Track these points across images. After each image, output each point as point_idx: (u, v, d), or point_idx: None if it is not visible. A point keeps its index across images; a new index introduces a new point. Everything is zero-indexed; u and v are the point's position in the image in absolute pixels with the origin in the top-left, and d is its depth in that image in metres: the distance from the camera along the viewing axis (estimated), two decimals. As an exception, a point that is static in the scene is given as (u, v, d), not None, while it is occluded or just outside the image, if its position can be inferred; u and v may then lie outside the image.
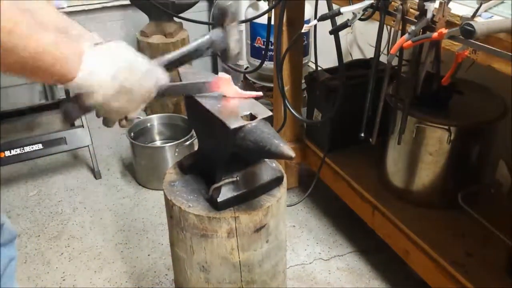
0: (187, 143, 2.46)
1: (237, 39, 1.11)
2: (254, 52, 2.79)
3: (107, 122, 0.93)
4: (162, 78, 0.94)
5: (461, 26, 1.10)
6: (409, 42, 1.30)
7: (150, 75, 0.90)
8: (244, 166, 1.16)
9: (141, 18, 3.09)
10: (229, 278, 1.20)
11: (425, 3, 1.28)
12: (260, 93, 1.16)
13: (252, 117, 1.08)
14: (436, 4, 1.28)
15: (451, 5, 1.26)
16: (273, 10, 1.95)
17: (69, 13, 3.01)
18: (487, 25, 1.10)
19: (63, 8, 2.35)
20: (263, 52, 2.33)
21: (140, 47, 2.99)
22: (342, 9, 1.46)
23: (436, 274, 1.62)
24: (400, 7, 1.39)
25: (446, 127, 1.66)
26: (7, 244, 1.19)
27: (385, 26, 1.49)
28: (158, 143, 2.75)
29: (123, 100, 0.85)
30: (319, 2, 1.83)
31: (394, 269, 1.97)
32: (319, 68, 2.15)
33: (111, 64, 0.83)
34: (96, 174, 2.62)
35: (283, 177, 1.23)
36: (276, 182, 1.21)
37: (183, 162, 1.32)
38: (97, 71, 0.81)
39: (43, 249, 2.16)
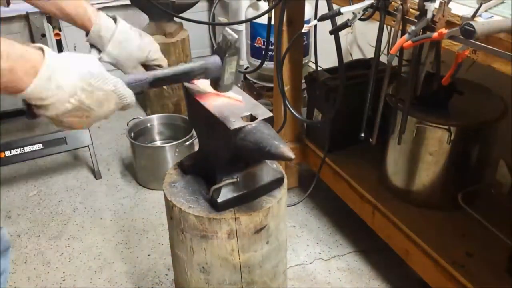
0: (187, 143, 2.46)
1: (233, 72, 1.09)
2: (254, 52, 2.79)
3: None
4: (128, 97, 0.88)
5: (461, 26, 1.10)
6: (409, 42, 1.30)
7: (113, 96, 0.84)
8: (244, 167, 1.16)
9: (141, 18, 3.09)
10: (230, 279, 1.20)
11: (425, 3, 1.28)
12: (240, 98, 1.15)
13: (252, 118, 1.08)
14: (436, 4, 1.27)
15: (451, 5, 1.25)
16: (273, 10, 1.95)
17: (69, 13, 3.02)
18: (488, 25, 1.10)
19: (62, 8, 2.34)
20: (263, 52, 2.33)
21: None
22: (342, 9, 1.46)
23: (436, 274, 1.62)
24: (400, 7, 1.39)
25: (446, 127, 1.66)
26: (1, 254, 1.14)
27: (385, 26, 1.49)
28: (158, 143, 2.75)
29: (79, 116, 0.81)
30: (319, 2, 1.82)
31: (394, 269, 1.97)
32: (319, 68, 2.14)
33: (73, 80, 0.78)
34: (96, 174, 2.62)
35: (283, 178, 1.23)
36: (277, 183, 1.21)
37: (183, 162, 1.32)
38: (55, 81, 0.76)
39: (43, 249, 2.16)
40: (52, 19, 2.37)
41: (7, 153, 2.40)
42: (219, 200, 1.13)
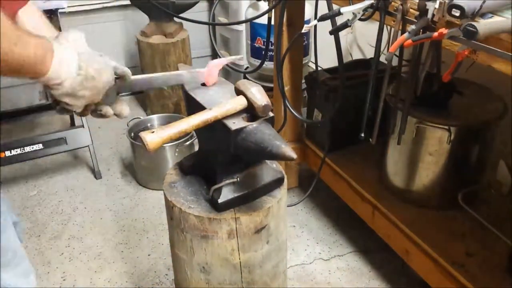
0: (187, 143, 2.46)
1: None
2: (254, 52, 2.79)
3: (68, 111, 0.98)
4: (117, 67, 1.00)
5: (463, 27, 1.10)
6: (410, 41, 1.30)
7: (107, 66, 0.97)
8: (244, 167, 1.16)
9: (141, 18, 3.09)
10: (230, 279, 1.20)
11: (426, 3, 1.28)
12: (239, 56, 1.21)
13: (253, 118, 1.08)
14: (436, 4, 1.27)
15: (451, 5, 1.25)
16: (273, 10, 1.95)
17: (69, 13, 3.02)
18: (489, 26, 1.10)
19: (63, 8, 2.35)
20: (263, 52, 2.33)
21: (140, 47, 2.99)
22: (342, 9, 1.46)
23: (436, 274, 1.62)
24: (400, 7, 1.39)
25: (446, 127, 1.66)
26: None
27: (385, 26, 1.49)
28: (158, 143, 2.75)
29: (88, 87, 0.93)
30: (319, 2, 1.82)
31: (394, 269, 1.97)
32: (319, 68, 2.14)
33: (75, 55, 0.92)
34: (96, 174, 2.62)
35: (283, 178, 1.23)
36: (277, 183, 1.21)
37: (183, 162, 1.32)
38: (65, 63, 0.90)
39: (43, 249, 2.16)
40: (51, 19, 2.37)
41: (7, 153, 2.40)
42: (219, 200, 1.13)
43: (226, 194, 1.13)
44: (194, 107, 1.15)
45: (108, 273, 2.03)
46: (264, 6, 2.55)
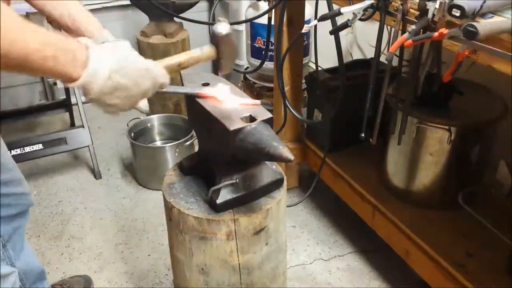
0: (188, 143, 2.46)
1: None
2: (254, 52, 2.79)
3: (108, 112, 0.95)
4: (162, 77, 0.97)
5: (463, 27, 1.10)
6: (410, 41, 1.30)
7: (148, 75, 0.93)
8: (244, 168, 1.16)
9: (141, 18, 3.09)
10: (229, 281, 1.20)
11: (427, 3, 1.28)
12: (258, 102, 1.16)
13: (251, 119, 1.08)
14: (437, 4, 1.27)
15: (451, 5, 1.25)
16: (273, 10, 1.95)
17: (69, 13, 3.01)
18: (490, 26, 1.10)
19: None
20: (263, 52, 2.33)
21: (140, 47, 2.98)
22: (343, 9, 1.46)
23: (436, 274, 1.62)
24: (400, 7, 1.39)
25: (447, 127, 1.66)
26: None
27: (385, 26, 1.49)
28: (158, 143, 2.75)
29: (119, 97, 0.89)
30: (319, 2, 1.82)
31: (394, 269, 1.97)
32: (319, 68, 2.14)
33: (109, 63, 0.87)
34: (96, 174, 2.62)
35: (283, 179, 1.23)
36: (276, 184, 1.21)
37: (183, 163, 1.32)
38: (97, 70, 0.85)
39: (43, 249, 2.16)
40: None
41: (7, 153, 2.40)
42: (218, 201, 1.13)
43: (225, 195, 1.13)
44: (195, 107, 1.15)
45: (108, 273, 2.03)
46: (264, 6, 2.55)
